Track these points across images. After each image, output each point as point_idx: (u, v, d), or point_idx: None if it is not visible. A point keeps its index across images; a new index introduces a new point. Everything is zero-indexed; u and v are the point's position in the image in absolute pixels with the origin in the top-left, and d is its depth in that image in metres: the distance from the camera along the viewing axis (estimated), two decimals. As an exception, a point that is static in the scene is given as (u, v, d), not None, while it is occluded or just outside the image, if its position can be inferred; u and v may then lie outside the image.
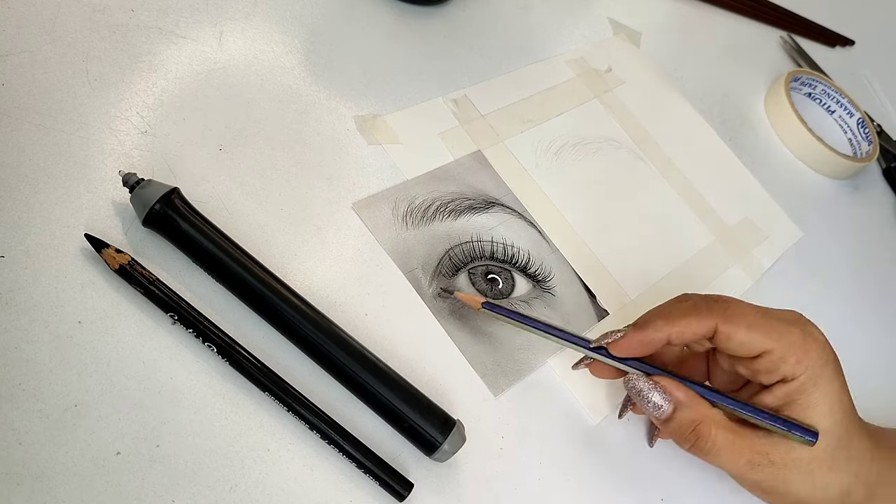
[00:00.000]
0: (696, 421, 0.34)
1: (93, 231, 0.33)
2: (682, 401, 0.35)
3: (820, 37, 0.71)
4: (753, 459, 0.34)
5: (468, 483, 0.35)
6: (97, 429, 0.29)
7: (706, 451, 0.34)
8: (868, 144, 0.61)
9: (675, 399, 0.35)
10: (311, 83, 0.42)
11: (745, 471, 0.34)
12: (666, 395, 0.35)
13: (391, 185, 0.41)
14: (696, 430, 0.34)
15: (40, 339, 0.30)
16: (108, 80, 0.37)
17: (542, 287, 0.41)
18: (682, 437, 0.35)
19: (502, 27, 0.52)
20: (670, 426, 0.35)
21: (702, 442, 0.34)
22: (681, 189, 0.51)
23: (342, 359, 0.33)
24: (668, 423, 0.35)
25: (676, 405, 0.35)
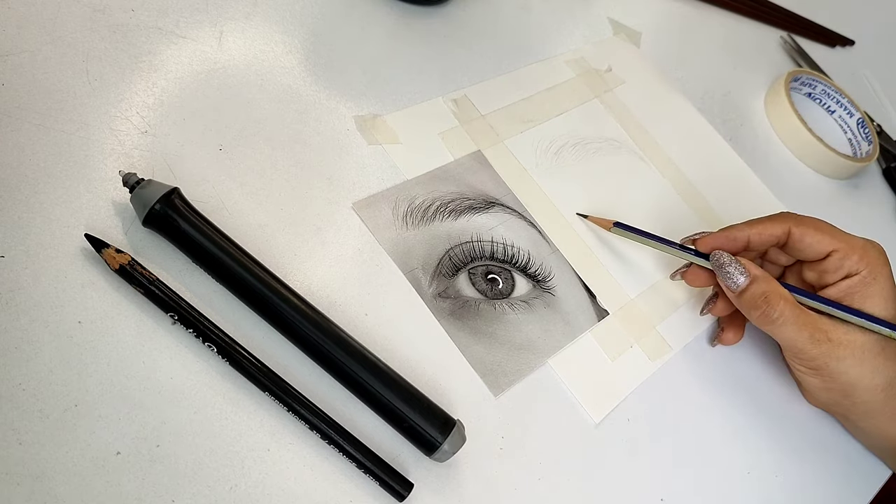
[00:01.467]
0: (767, 292, 0.39)
1: (93, 231, 0.33)
2: (757, 275, 0.39)
3: (820, 37, 0.71)
4: (815, 335, 0.38)
5: (468, 483, 0.35)
6: (97, 429, 0.29)
7: (773, 319, 0.39)
8: (868, 144, 0.61)
9: (751, 273, 0.39)
10: (311, 83, 0.42)
11: (806, 344, 0.38)
12: (744, 270, 0.40)
13: (391, 185, 0.41)
14: (767, 299, 0.39)
15: (40, 339, 0.30)
16: (108, 80, 0.37)
17: (542, 287, 0.41)
18: (753, 305, 0.39)
19: (502, 27, 0.52)
20: (745, 296, 0.39)
21: (770, 310, 0.38)
22: (681, 189, 0.51)
23: (342, 359, 0.33)
24: (742, 295, 0.39)
25: (752, 278, 0.39)
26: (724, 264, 0.40)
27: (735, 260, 0.40)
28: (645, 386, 0.41)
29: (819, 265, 0.41)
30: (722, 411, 0.43)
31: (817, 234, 0.40)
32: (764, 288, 0.39)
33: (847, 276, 0.40)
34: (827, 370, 0.39)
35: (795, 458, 0.43)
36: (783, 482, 0.42)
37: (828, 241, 0.40)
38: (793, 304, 0.39)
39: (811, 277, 0.42)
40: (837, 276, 0.40)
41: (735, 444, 0.42)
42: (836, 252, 0.40)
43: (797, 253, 0.41)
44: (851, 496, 0.44)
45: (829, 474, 0.44)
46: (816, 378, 0.40)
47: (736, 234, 0.41)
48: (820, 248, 0.40)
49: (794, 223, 0.41)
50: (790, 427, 0.44)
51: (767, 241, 0.41)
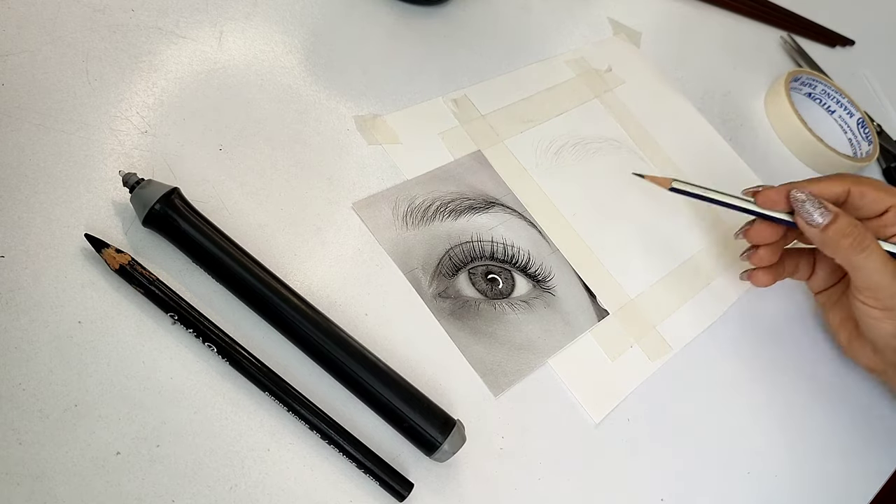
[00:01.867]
0: (855, 223, 0.40)
1: (93, 231, 0.33)
2: (839, 211, 0.40)
3: (820, 37, 0.71)
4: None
5: (468, 483, 0.35)
6: (97, 429, 0.29)
7: (865, 246, 0.39)
8: (868, 144, 0.61)
9: (833, 210, 0.40)
10: (311, 83, 0.42)
11: (891, 280, 0.39)
12: (826, 209, 0.40)
13: (391, 185, 0.41)
14: (857, 230, 0.40)
15: (40, 339, 0.30)
16: (108, 80, 0.37)
17: (542, 287, 0.41)
18: (844, 234, 0.40)
19: (502, 27, 0.52)
20: (833, 228, 0.40)
21: (863, 238, 0.39)
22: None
23: (342, 359, 0.33)
24: (829, 227, 0.40)
25: (836, 214, 0.40)
26: (804, 200, 0.40)
27: (813, 196, 0.41)
28: (645, 386, 0.41)
29: (879, 220, 0.43)
30: (722, 411, 0.43)
31: (875, 191, 0.42)
32: (852, 220, 0.40)
33: None
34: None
35: (795, 458, 0.43)
36: (783, 482, 0.42)
37: (886, 198, 0.42)
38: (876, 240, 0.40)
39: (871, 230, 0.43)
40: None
41: (735, 443, 0.42)
42: (894, 207, 0.42)
43: (857, 210, 0.43)
44: (851, 496, 0.44)
45: (829, 474, 0.44)
46: (889, 322, 0.41)
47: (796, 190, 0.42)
48: (881, 204, 0.42)
49: (853, 182, 0.42)
50: (790, 427, 0.44)
51: (828, 197, 0.42)
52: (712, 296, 0.47)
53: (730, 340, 0.46)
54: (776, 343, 0.47)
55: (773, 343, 0.47)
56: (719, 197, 0.42)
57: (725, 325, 0.46)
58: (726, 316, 0.46)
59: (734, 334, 0.46)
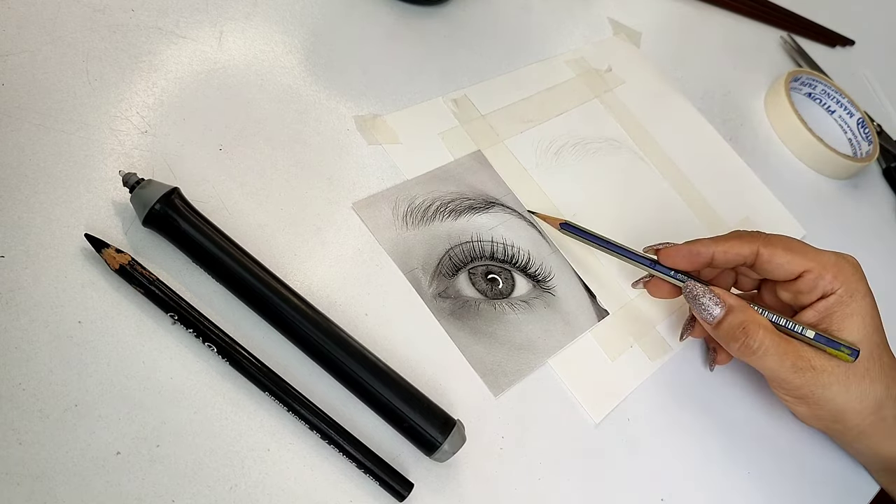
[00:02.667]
0: (745, 322, 0.37)
1: (93, 231, 0.33)
2: (733, 305, 0.38)
3: (820, 37, 0.71)
4: (797, 363, 0.37)
5: (468, 483, 0.35)
6: (97, 429, 0.29)
7: (754, 349, 0.37)
8: (868, 144, 0.61)
9: (727, 304, 0.38)
10: (311, 83, 0.42)
11: (790, 374, 0.37)
12: (719, 300, 0.38)
13: (391, 185, 0.41)
14: (745, 330, 0.37)
15: (40, 339, 0.30)
16: (108, 80, 0.37)
17: (542, 287, 0.41)
18: (731, 336, 0.37)
19: (502, 27, 0.52)
20: (722, 328, 0.38)
21: (750, 340, 0.37)
22: (681, 189, 0.51)
23: (342, 359, 0.33)
24: (719, 326, 0.38)
25: (728, 309, 0.38)
26: (698, 296, 0.38)
27: (708, 290, 0.38)
28: (645, 386, 0.41)
29: (793, 285, 0.39)
30: (722, 411, 0.43)
31: (787, 254, 0.38)
32: (741, 318, 0.37)
33: (823, 297, 0.38)
34: (813, 398, 0.38)
35: (795, 458, 0.43)
36: (783, 482, 0.42)
37: (798, 261, 0.38)
38: (772, 332, 0.37)
39: (786, 297, 0.40)
40: (813, 297, 0.39)
41: (735, 444, 0.42)
42: (809, 272, 0.38)
43: (767, 273, 0.39)
44: (851, 496, 0.44)
45: (829, 474, 0.44)
46: (803, 406, 0.39)
47: (700, 249, 0.39)
48: (791, 269, 0.38)
49: (763, 243, 0.39)
50: (790, 427, 0.44)
51: (733, 259, 0.39)
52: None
53: (730, 340, 0.46)
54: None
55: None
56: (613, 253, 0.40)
57: (725, 325, 0.46)
58: (726, 316, 0.46)
59: (734, 334, 0.46)
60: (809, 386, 0.37)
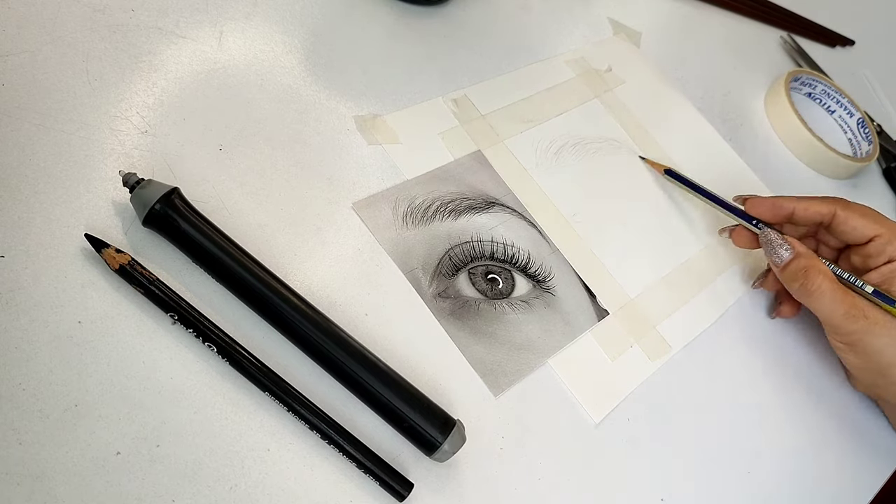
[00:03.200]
0: (808, 266, 0.40)
1: (93, 231, 0.33)
2: (801, 252, 0.41)
3: (820, 37, 0.71)
4: (850, 311, 0.40)
5: (468, 483, 0.35)
6: (97, 429, 0.29)
7: (811, 291, 0.40)
8: (868, 144, 0.61)
9: (796, 249, 0.41)
10: (311, 83, 0.42)
11: (842, 320, 0.40)
12: (789, 246, 0.42)
13: (391, 185, 0.41)
14: (807, 273, 0.40)
15: (40, 339, 0.30)
16: (108, 80, 0.37)
17: (542, 287, 0.41)
18: (794, 277, 0.41)
19: (502, 27, 0.52)
20: (788, 270, 0.41)
21: (809, 283, 0.40)
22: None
23: (342, 359, 0.33)
24: (786, 269, 0.41)
25: (796, 254, 0.41)
26: (772, 241, 0.42)
27: (781, 237, 0.42)
28: (645, 386, 0.41)
29: (863, 249, 0.43)
30: (722, 411, 0.43)
31: (861, 218, 0.42)
32: (805, 263, 0.41)
33: (890, 261, 0.41)
34: (862, 346, 0.40)
35: (795, 458, 0.43)
36: (783, 482, 0.42)
37: (871, 226, 0.42)
38: (831, 279, 0.40)
39: (856, 261, 0.43)
40: (880, 261, 0.42)
41: (735, 443, 0.42)
42: (879, 237, 0.42)
43: (841, 234, 0.43)
44: (851, 496, 0.44)
45: (829, 474, 0.44)
46: (852, 355, 0.41)
47: (783, 203, 0.43)
48: (864, 232, 0.42)
49: (841, 206, 0.42)
50: (790, 428, 0.44)
51: (812, 217, 0.43)
52: (712, 296, 0.47)
53: (730, 340, 0.46)
54: (776, 343, 0.47)
55: (773, 343, 0.47)
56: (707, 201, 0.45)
57: (725, 325, 0.46)
58: (726, 316, 0.46)
59: (734, 334, 0.46)
60: (860, 333, 0.40)
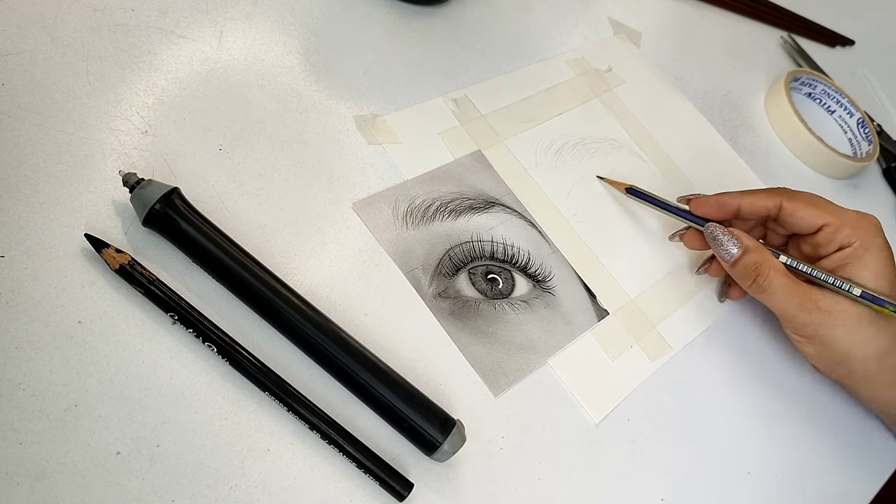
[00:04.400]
0: (758, 263, 0.40)
1: (93, 231, 0.33)
2: (749, 246, 0.40)
3: (820, 37, 0.71)
4: (804, 304, 0.39)
5: (468, 483, 0.35)
6: (97, 429, 0.29)
7: (763, 287, 0.40)
8: (868, 144, 0.61)
9: (743, 244, 0.41)
10: (311, 83, 0.42)
11: (796, 312, 0.40)
12: (737, 241, 0.41)
13: (391, 185, 0.41)
14: (758, 269, 0.40)
15: (40, 339, 0.30)
16: (108, 80, 0.37)
17: (542, 287, 0.41)
18: (745, 275, 0.40)
19: (502, 27, 0.52)
20: (737, 267, 0.41)
21: (761, 279, 0.40)
22: (681, 188, 0.51)
23: (342, 359, 0.33)
24: (735, 265, 0.41)
25: (744, 249, 0.40)
26: (717, 236, 0.41)
27: (727, 231, 0.41)
28: (645, 386, 0.41)
29: (812, 238, 0.42)
30: (722, 411, 0.43)
31: (809, 208, 0.41)
32: (755, 258, 0.40)
33: (840, 248, 0.41)
34: (818, 338, 0.40)
35: (795, 458, 0.43)
36: (783, 482, 0.42)
37: (819, 215, 0.41)
38: (783, 273, 0.40)
39: (806, 250, 0.43)
40: (830, 249, 0.41)
41: (735, 443, 0.42)
42: (828, 226, 0.41)
43: (789, 226, 0.43)
44: (851, 496, 0.44)
45: (828, 474, 0.44)
46: (810, 346, 0.41)
47: (728, 200, 0.42)
48: (812, 222, 0.41)
49: (787, 198, 0.42)
50: (790, 428, 0.44)
51: (758, 211, 0.42)
52: (712, 296, 0.47)
53: (730, 340, 0.46)
54: (776, 343, 0.47)
55: (774, 343, 0.47)
56: (662, 210, 0.44)
57: (726, 324, 0.46)
58: (726, 316, 0.46)
59: (734, 334, 0.46)
60: (815, 325, 0.40)
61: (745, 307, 0.47)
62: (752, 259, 0.40)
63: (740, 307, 0.47)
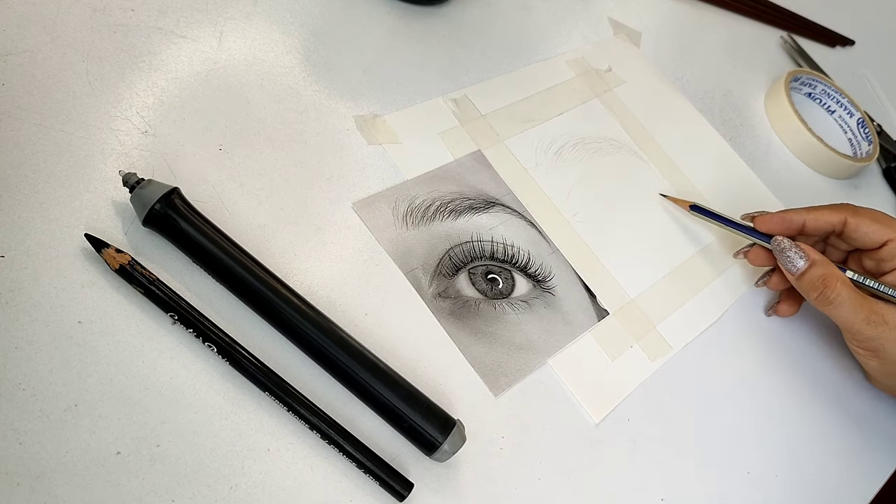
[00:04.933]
0: (825, 275, 0.41)
1: (93, 231, 0.33)
2: (816, 259, 0.41)
3: (820, 37, 0.71)
4: (870, 318, 0.40)
5: (468, 483, 0.35)
6: (97, 429, 0.29)
7: (830, 300, 0.40)
8: (868, 144, 0.61)
9: (811, 258, 0.41)
10: (311, 83, 0.42)
11: (862, 326, 0.40)
12: (804, 254, 0.41)
13: (391, 185, 0.41)
14: (825, 282, 0.40)
15: (40, 339, 0.30)
16: (108, 80, 0.37)
17: (542, 287, 0.41)
18: (812, 287, 0.41)
19: (502, 27, 0.52)
20: (804, 279, 0.41)
21: (828, 291, 0.40)
22: (681, 188, 0.51)
23: (342, 359, 0.33)
24: (802, 278, 0.41)
25: (811, 262, 0.41)
26: (785, 249, 0.42)
27: (795, 245, 0.42)
28: (645, 386, 0.41)
29: (876, 253, 0.43)
30: (722, 411, 0.43)
31: (873, 224, 0.42)
32: (822, 271, 0.41)
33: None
34: (883, 352, 0.41)
35: (795, 458, 0.43)
36: (783, 482, 0.42)
37: (883, 231, 0.42)
38: (849, 286, 0.40)
39: (870, 265, 0.44)
40: (895, 264, 0.42)
41: (735, 444, 0.42)
42: (893, 241, 0.42)
43: (854, 241, 0.43)
44: (851, 496, 0.44)
45: (828, 474, 0.44)
46: (874, 360, 0.42)
47: (793, 216, 0.43)
48: (876, 238, 0.42)
49: (851, 213, 0.43)
50: (790, 428, 0.44)
51: (823, 227, 0.43)
52: (712, 296, 0.47)
53: (730, 340, 0.46)
54: (776, 343, 0.47)
55: (773, 343, 0.47)
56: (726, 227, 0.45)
57: (725, 325, 0.46)
58: (726, 316, 0.46)
59: (734, 334, 0.46)
60: (880, 339, 0.40)
61: (745, 308, 0.47)
62: (819, 272, 0.41)
63: (740, 307, 0.47)
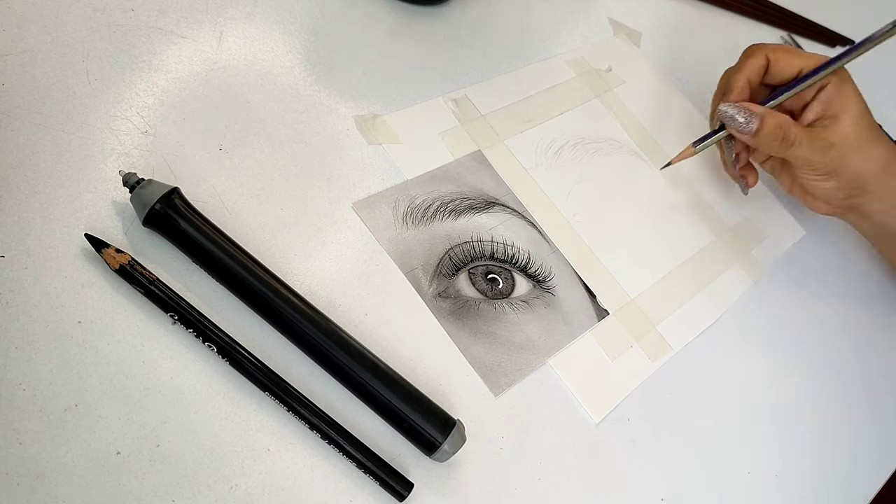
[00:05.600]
0: (779, 123, 0.43)
1: (93, 231, 0.33)
2: (762, 113, 0.43)
3: (820, 37, 0.71)
4: (823, 146, 0.44)
5: (468, 483, 0.35)
6: (97, 429, 0.29)
7: (792, 142, 0.43)
8: (868, 144, 0.61)
9: (758, 113, 0.43)
10: (311, 83, 0.42)
11: (818, 155, 0.44)
12: (750, 111, 0.43)
13: (391, 185, 0.41)
14: (782, 128, 0.43)
15: (40, 339, 0.30)
16: (108, 80, 0.37)
17: (542, 287, 0.41)
18: (773, 137, 0.43)
19: (502, 27, 0.52)
20: (762, 134, 0.43)
21: (788, 135, 0.43)
22: (681, 189, 0.51)
23: (342, 359, 0.33)
24: (759, 133, 0.43)
25: (761, 117, 0.43)
26: (733, 114, 0.43)
27: (736, 106, 0.44)
28: (645, 386, 0.41)
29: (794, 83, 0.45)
30: (722, 411, 0.43)
31: (787, 56, 0.45)
32: (775, 120, 0.43)
33: (821, 88, 0.45)
34: (836, 171, 0.44)
35: (795, 458, 0.43)
36: (783, 482, 0.42)
37: (796, 61, 0.45)
38: (798, 126, 0.43)
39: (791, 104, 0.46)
40: (813, 91, 0.45)
41: (735, 443, 0.42)
42: (807, 68, 0.45)
43: (775, 77, 0.46)
44: (851, 496, 0.44)
45: (828, 474, 0.44)
46: (830, 181, 0.45)
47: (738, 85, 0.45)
48: (791, 69, 0.45)
49: (769, 50, 0.46)
50: (790, 428, 0.44)
51: (759, 72, 0.46)
52: (712, 296, 0.47)
53: (730, 340, 0.46)
54: (776, 343, 0.47)
55: (773, 343, 0.47)
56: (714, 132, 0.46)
57: (725, 324, 0.46)
58: (726, 316, 0.46)
59: (734, 334, 0.46)
60: (834, 161, 0.44)
61: (744, 308, 0.47)
62: (773, 121, 0.43)
63: (740, 307, 0.47)
